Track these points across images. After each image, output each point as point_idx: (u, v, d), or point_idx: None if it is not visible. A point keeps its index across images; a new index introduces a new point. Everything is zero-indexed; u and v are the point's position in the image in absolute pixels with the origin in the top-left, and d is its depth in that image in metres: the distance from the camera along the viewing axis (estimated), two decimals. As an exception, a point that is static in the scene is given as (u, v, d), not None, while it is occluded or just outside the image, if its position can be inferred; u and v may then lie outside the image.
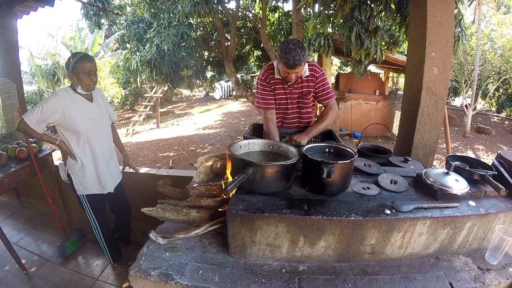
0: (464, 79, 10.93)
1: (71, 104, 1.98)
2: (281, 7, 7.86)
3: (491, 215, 1.42)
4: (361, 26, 3.51)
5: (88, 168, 2.11)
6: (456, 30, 3.61)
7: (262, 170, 1.37)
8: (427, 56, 2.07)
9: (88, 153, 2.09)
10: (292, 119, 2.24)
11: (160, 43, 6.04)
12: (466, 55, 10.58)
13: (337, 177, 1.38)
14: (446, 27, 2.03)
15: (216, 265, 1.29)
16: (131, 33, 6.62)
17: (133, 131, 11.64)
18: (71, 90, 2.03)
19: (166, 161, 7.82)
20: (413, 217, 1.28)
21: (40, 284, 2.35)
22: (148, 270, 1.24)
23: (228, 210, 1.28)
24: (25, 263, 2.52)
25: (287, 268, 1.31)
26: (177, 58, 6.56)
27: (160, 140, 10.22)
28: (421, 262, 1.39)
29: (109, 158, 2.25)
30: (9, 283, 2.34)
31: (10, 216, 3.33)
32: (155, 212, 1.63)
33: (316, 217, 1.23)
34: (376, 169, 1.77)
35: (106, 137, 2.23)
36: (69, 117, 1.96)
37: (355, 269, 1.31)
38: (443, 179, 1.49)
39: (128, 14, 7.44)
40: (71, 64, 1.94)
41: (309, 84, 2.09)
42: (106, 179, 2.21)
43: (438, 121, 2.25)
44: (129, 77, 13.27)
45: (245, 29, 9.11)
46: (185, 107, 16.92)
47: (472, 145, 9.01)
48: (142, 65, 6.37)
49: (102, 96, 2.26)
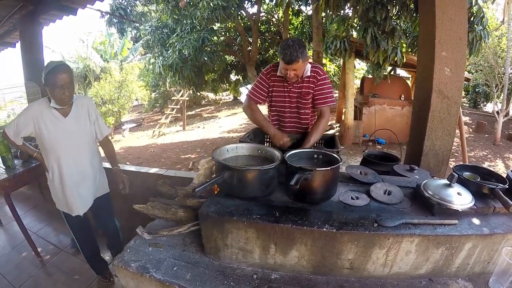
0: (495, 83, 10.06)
1: (41, 119, 1.86)
2: (304, 11, 7.78)
3: (497, 236, 1.24)
4: (377, 28, 3.33)
5: (56, 185, 1.99)
6: (477, 29, 3.30)
7: (239, 174, 1.33)
8: (437, 56, 1.90)
9: (56, 171, 1.95)
10: (290, 118, 2.20)
11: (182, 48, 6.22)
12: (496, 58, 9.77)
13: (318, 185, 1.30)
14: (458, 23, 1.84)
15: (191, 263, 1.32)
16: (155, 38, 6.91)
17: (159, 133, 12.06)
18: (46, 102, 1.89)
19: (186, 162, 7.99)
20: (397, 234, 1.15)
21: (52, 271, 2.54)
22: (129, 262, 1.31)
23: (200, 212, 1.29)
24: (41, 251, 2.73)
25: (259, 275, 1.27)
26: (199, 63, 6.73)
27: (184, 142, 10.50)
28: (410, 283, 1.24)
29: (81, 180, 2.01)
30: (24, 268, 2.57)
31: (33, 208, 3.58)
32: (145, 209, 1.67)
33: (285, 225, 1.16)
34: (372, 178, 1.64)
35: (79, 156, 1.99)
36: (40, 132, 1.87)
37: (331, 283, 1.21)
38: (443, 192, 1.33)
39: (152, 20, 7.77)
40: (43, 77, 1.76)
41: (310, 85, 2.05)
42: (73, 201, 1.99)
43: (452, 127, 2.05)
44: (158, 81, 13.84)
45: (269, 33, 9.14)
46: (213, 110, 17.26)
47: (502, 154, 8.16)
48: (165, 69, 6.61)
49: (89, 109, 2.04)
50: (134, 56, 14.63)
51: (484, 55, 9.94)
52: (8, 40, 4.33)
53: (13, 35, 4.09)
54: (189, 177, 2.80)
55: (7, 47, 4.56)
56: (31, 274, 2.48)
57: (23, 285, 2.37)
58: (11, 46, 4.52)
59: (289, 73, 1.91)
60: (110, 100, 11.90)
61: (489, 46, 9.58)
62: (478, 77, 11.40)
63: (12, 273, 2.50)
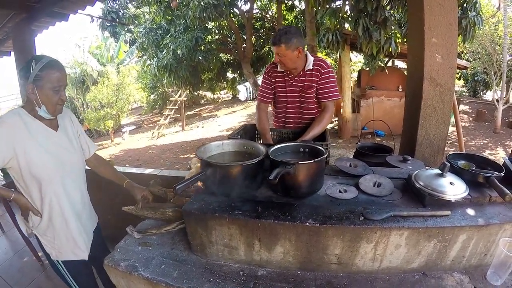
0: (493, 70, 9.93)
1: (27, 137, 1.33)
2: (298, 6, 7.70)
3: (494, 226, 1.18)
4: (369, 18, 3.26)
5: (57, 225, 1.46)
6: (470, 15, 3.22)
7: (221, 170, 1.30)
8: (427, 43, 1.83)
9: (55, 205, 1.42)
10: (293, 113, 2.19)
11: (176, 48, 6.19)
12: (494, 45, 9.62)
13: (302, 179, 1.25)
14: (448, 8, 1.78)
15: (179, 261, 1.32)
16: (149, 40, 6.87)
17: (159, 134, 12.06)
18: (26, 114, 1.36)
19: (185, 162, 7.97)
20: (385, 227, 1.10)
21: (52, 275, 2.54)
22: (119, 261, 1.32)
23: (183, 209, 1.28)
24: (41, 255, 2.75)
25: (246, 271, 1.25)
26: (193, 62, 6.68)
27: (183, 142, 10.49)
28: (402, 278, 1.20)
29: (82, 209, 1.57)
30: (27, 272, 2.66)
31: (33, 214, 3.59)
32: (134, 210, 1.66)
33: (267, 220, 1.12)
34: (361, 170, 1.58)
35: (78, 181, 1.55)
36: (25, 156, 1.31)
37: (319, 279, 1.17)
38: (434, 182, 1.28)
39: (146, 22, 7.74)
40: (33, 72, 1.28)
41: (312, 79, 2.03)
42: (79, 238, 1.53)
43: (446, 115, 1.99)
44: (156, 82, 13.81)
45: (263, 30, 9.08)
46: (212, 109, 17.25)
47: (503, 141, 8.06)
48: (160, 70, 6.57)
49: (72, 121, 1.59)
50: (131, 59, 14.63)
51: (482, 42, 9.82)
52: (2, 49, 4.31)
53: (7, 44, 4.07)
54: (183, 176, 2.78)
55: (3, 55, 4.55)
56: (32, 278, 2.56)
57: (25, 288, 2.44)
58: (6, 55, 4.51)
59: (279, 58, 1.92)
60: (109, 104, 11.89)
61: (486, 33, 9.46)
62: (476, 65, 11.26)
63: (15, 277, 2.60)
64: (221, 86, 14.05)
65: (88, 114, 11.93)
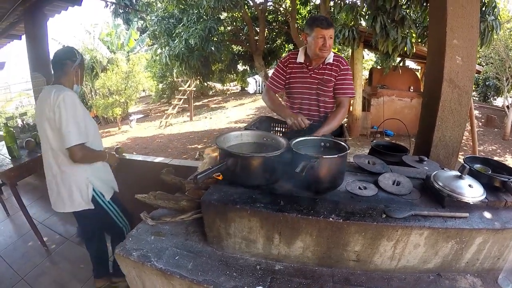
0: (505, 76, 9.75)
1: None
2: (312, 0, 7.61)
3: (509, 231, 1.18)
4: (387, 16, 3.22)
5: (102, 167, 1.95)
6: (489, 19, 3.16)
7: (242, 161, 1.30)
8: (449, 44, 1.81)
9: None
10: (309, 106, 2.16)
11: (188, 38, 6.15)
12: (507, 51, 9.40)
13: (324, 174, 1.26)
14: (470, 11, 1.76)
15: (193, 253, 1.30)
16: (161, 28, 6.83)
17: (166, 123, 12.09)
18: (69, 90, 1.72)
19: (193, 152, 8.01)
20: (406, 225, 1.11)
21: (57, 260, 2.56)
22: (131, 251, 1.29)
23: (202, 200, 1.27)
24: (47, 240, 2.74)
25: (263, 265, 1.24)
26: (205, 53, 6.65)
27: (191, 133, 10.53)
28: (418, 277, 1.21)
29: None
30: (31, 257, 2.60)
31: (40, 198, 3.60)
32: (147, 199, 1.65)
33: (290, 214, 1.13)
34: (380, 167, 1.59)
35: None
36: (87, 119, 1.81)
37: (336, 276, 1.18)
38: (453, 184, 1.28)
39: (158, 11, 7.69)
40: (80, 57, 1.73)
41: (332, 73, 2.03)
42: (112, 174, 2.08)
43: (462, 118, 1.97)
44: (165, 71, 13.78)
45: (276, 23, 8.99)
46: (220, 101, 17.21)
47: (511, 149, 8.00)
48: (171, 59, 6.55)
49: None
50: (141, 47, 14.55)
51: (495, 47, 9.62)
52: (13, 32, 4.30)
53: (18, 28, 4.07)
54: (194, 166, 2.78)
55: (13, 39, 4.55)
56: (37, 263, 2.51)
57: (29, 273, 2.39)
58: (17, 38, 4.51)
59: (327, 42, 1.87)
60: (117, 91, 11.90)
61: (500, 38, 9.26)
62: (489, 70, 11.05)
63: (19, 262, 2.53)
64: (230, 78, 13.97)
65: (97, 101, 11.95)
